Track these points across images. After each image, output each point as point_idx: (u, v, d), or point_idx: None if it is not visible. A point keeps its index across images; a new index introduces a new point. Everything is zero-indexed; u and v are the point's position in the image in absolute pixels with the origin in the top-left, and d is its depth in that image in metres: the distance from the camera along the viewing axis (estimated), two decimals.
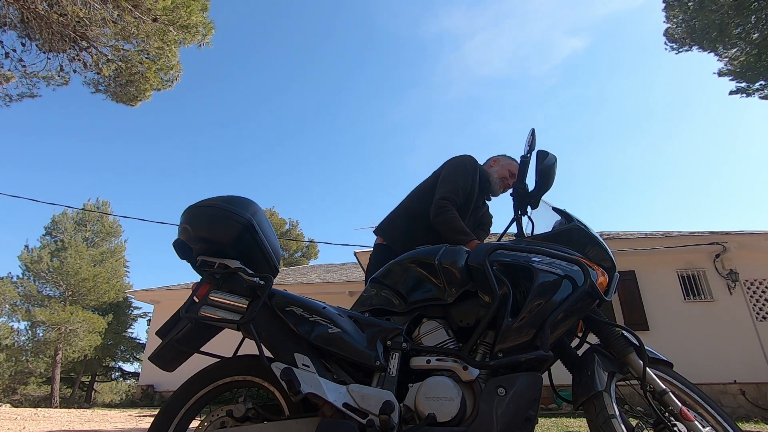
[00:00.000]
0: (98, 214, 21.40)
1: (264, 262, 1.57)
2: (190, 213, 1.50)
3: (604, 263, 1.51)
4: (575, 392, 1.37)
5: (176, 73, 7.43)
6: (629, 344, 1.41)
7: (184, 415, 1.37)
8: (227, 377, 1.43)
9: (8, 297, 18.42)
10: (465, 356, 1.33)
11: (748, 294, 8.44)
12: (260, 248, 1.54)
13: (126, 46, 6.82)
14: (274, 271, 1.60)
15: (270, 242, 1.58)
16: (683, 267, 8.82)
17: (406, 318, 1.47)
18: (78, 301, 19.47)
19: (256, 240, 1.51)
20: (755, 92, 8.37)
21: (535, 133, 1.63)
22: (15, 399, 19.91)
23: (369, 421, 1.23)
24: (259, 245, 1.53)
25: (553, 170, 1.58)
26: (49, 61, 6.69)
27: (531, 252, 1.45)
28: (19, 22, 6.11)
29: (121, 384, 26.71)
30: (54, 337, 17.62)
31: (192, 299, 1.41)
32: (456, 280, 1.45)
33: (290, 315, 1.40)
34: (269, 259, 1.58)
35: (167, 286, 12.18)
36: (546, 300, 1.34)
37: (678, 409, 1.30)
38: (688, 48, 8.55)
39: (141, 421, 6.70)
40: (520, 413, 1.23)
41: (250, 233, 1.49)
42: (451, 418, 1.24)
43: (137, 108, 7.55)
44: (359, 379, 1.38)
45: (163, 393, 11.20)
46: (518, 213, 1.68)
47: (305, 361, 1.34)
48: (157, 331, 1.48)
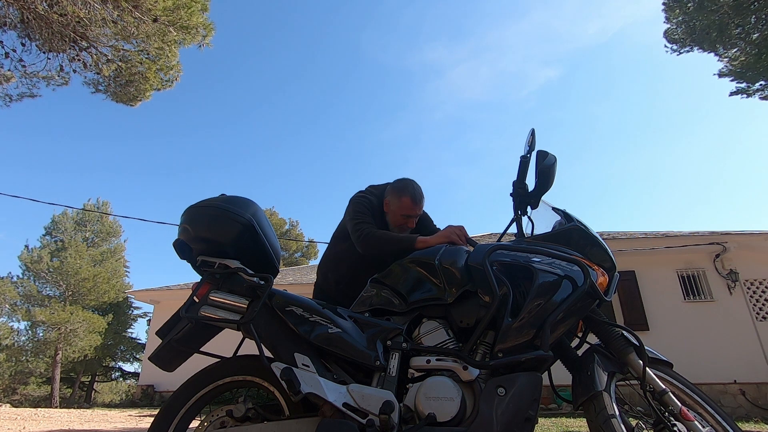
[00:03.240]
0: (98, 214, 21.40)
1: (264, 262, 1.57)
2: (190, 213, 1.50)
3: (604, 263, 1.51)
4: (575, 392, 1.37)
5: (176, 74, 7.43)
6: (629, 344, 1.41)
7: (184, 415, 1.37)
8: (227, 377, 1.43)
9: (8, 297, 18.42)
10: (465, 356, 1.33)
11: (748, 294, 8.44)
12: (260, 248, 1.54)
13: (126, 46, 6.82)
14: (274, 271, 1.60)
15: (270, 242, 1.58)
16: (683, 267, 8.81)
17: (406, 318, 1.47)
18: (78, 301, 19.47)
19: (256, 240, 1.52)
20: (755, 92, 8.36)
21: (535, 133, 1.62)
22: (15, 399, 19.92)
23: (369, 421, 1.23)
24: (259, 245, 1.53)
25: (553, 170, 1.58)
26: (49, 61, 6.70)
27: (531, 252, 1.45)
28: (19, 22, 6.11)
29: (121, 384, 26.69)
30: (54, 337, 17.62)
31: (192, 299, 1.41)
32: (456, 280, 1.45)
33: (290, 315, 1.40)
34: (269, 259, 1.58)
35: (167, 286, 12.17)
36: (546, 300, 1.34)
37: (678, 409, 1.30)
38: (689, 49, 8.55)
39: (141, 421, 6.70)
40: (520, 413, 1.23)
41: (250, 233, 1.50)
42: (451, 418, 1.25)
43: (137, 107, 7.56)
44: (359, 379, 1.38)
45: (163, 393, 11.19)
46: (518, 213, 1.68)
47: (305, 361, 1.34)
48: (157, 331, 1.48)
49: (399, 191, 2.00)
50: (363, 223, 1.91)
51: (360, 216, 1.95)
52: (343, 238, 2.09)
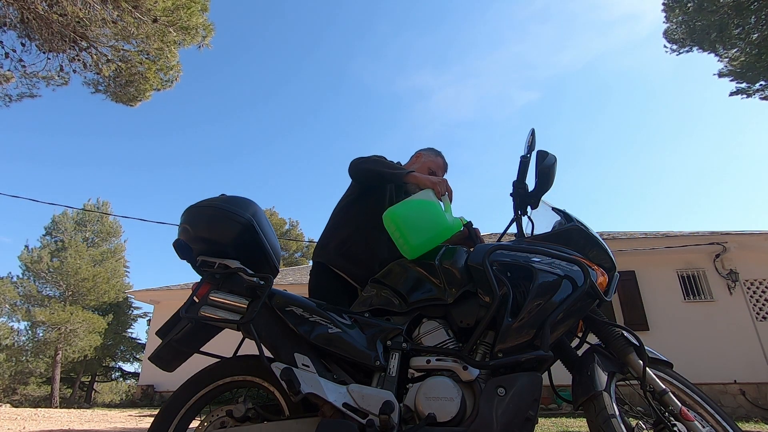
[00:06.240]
0: (98, 215, 21.40)
1: (264, 262, 1.57)
2: (190, 213, 1.50)
3: (604, 263, 1.51)
4: (575, 392, 1.37)
5: (176, 74, 7.43)
6: (629, 344, 1.41)
7: (184, 415, 1.37)
8: (227, 377, 1.43)
9: (8, 297, 18.42)
10: (465, 356, 1.33)
11: (748, 294, 8.44)
12: (260, 248, 1.54)
13: (126, 46, 6.82)
14: (274, 271, 1.60)
15: (270, 242, 1.58)
16: (683, 267, 8.82)
17: (406, 318, 1.47)
18: (78, 301, 19.47)
19: (256, 240, 1.52)
20: (755, 93, 8.35)
21: (535, 133, 1.62)
22: (15, 399, 19.91)
23: (369, 421, 1.23)
24: (259, 245, 1.53)
25: (553, 170, 1.57)
26: (49, 61, 6.69)
27: (531, 252, 1.45)
28: (19, 22, 6.11)
29: (121, 384, 26.70)
30: (54, 337, 17.62)
31: (192, 299, 1.41)
32: (456, 281, 1.45)
33: (290, 315, 1.40)
34: (269, 259, 1.58)
35: (167, 286, 12.17)
36: (546, 300, 1.34)
37: (678, 409, 1.30)
38: (689, 49, 8.54)
39: (141, 421, 6.70)
40: (520, 413, 1.23)
41: (250, 233, 1.49)
42: (451, 418, 1.24)
43: (137, 107, 7.56)
44: (359, 379, 1.38)
45: (163, 393, 11.19)
46: (518, 213, 1.68)
47: (305, 361, 1.34)
48: (157, 331, 1.48)
49: (436, 152, 2.21)
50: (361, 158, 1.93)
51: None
52: (344, 209, 2.05)
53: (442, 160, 2.19)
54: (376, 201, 1.98)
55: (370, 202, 1.98)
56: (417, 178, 1.73)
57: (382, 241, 1.88)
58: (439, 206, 1.61)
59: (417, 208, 1.58)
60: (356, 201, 2.03)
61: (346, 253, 1.89)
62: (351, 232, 1.94)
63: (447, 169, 2.22)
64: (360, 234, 1.93)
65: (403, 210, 1.59)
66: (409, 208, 1.59)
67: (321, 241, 2.02)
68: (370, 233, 1.91)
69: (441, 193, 1.66)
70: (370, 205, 1.97)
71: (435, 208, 1.59)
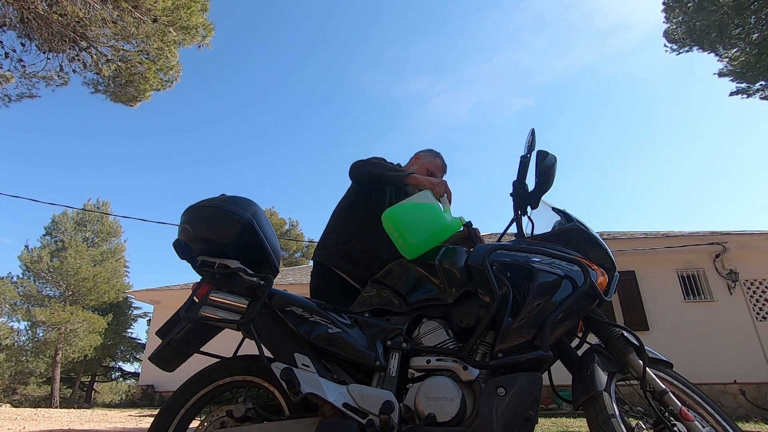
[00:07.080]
0: (98, 215, 21.39)
1: (264, 262, 1.57)
2: (190, 213, 1.50)
3: (604, 263, 1.51)
4: (575, 392, 1.37)
5: (176, 74, 7.42)
6: (629, 344, 1.41)
7: (184, 415, 1.37)
8: (227, 377, 1.43)
9: (8, 297, 18.42)
10: (465, 356, 1.33)
11: (748, 294, 8.44)
12: (260, 248, 1.54)
13: (126, 46, 6.82)
14: (274, 271, 1.60)
15: (270, 242, 1.58)
16: (683, 267, 8.82)
17: (406, 318, 1.47)
18: (78, 301, 19.47)
19: (256, 240, 1.52)
20: (755, 93, 8.35)
21: (535, 133, 1.62)
22: (15, 399, 19.91)
23: (369, 421, 1.23)
24: (259, 245, 1.53)
25: (553, 170, 1.57)
26: (48, 61, 6.69)
27: (531, 252, 1.45)
28: (19, 22, 6.10)
29: (121, 384, 26.69)
30: (54, 337, 17.62)
31: (192, 299, 1.41)
32: (456, 281, 1.45)
33: (290, 315, 1.40)
34: (269, 259, 1.58)
35: (167, 286, 12.17)
36: (546, 300, 1.34)
37: (678, 409, 1.30)
38: (688, 49, 8.54)
39: (141, 421, 6.70)
40: (520, 413, 1.23)
41: (250, 233, 1.50)
42: (451, 418, 1.24)
43: (137, 107, 7.55)
44: (359, 379, 1.38)
45: (163, 393, 11.19)
46: (518, 213, 1.68)
47: (305, 361, 1.34)
48: (157, 331, 1.48)
49: (435, 153, 2.23)
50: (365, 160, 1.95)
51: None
52: (344, 209, 2.06)
53: (441, 161, 2.21)
54: (376, 202, 1.99)
55: (370, 204, 1.99)
56: (417, 179, 1.75)
57: (382, 241, 1.89)
58: (438, 206, 1.62)
59: (415, 208, 1.59)
60: (356, 202, 2.04)
61: (346, 254, 1.90)
62: (351, 233, 1.95)
63: (446, 171, 2.24)
64: (360, 235, 1.94)
65: (401, 210, 1.59)
66: (407, 208, 1.60)
67: (321, 242, 2.03)
68: (370, 234, 1.92)
69: (440, 194, 1.67)
70: (370, 207, 1.98)
71: (433, 208, 1.60)
